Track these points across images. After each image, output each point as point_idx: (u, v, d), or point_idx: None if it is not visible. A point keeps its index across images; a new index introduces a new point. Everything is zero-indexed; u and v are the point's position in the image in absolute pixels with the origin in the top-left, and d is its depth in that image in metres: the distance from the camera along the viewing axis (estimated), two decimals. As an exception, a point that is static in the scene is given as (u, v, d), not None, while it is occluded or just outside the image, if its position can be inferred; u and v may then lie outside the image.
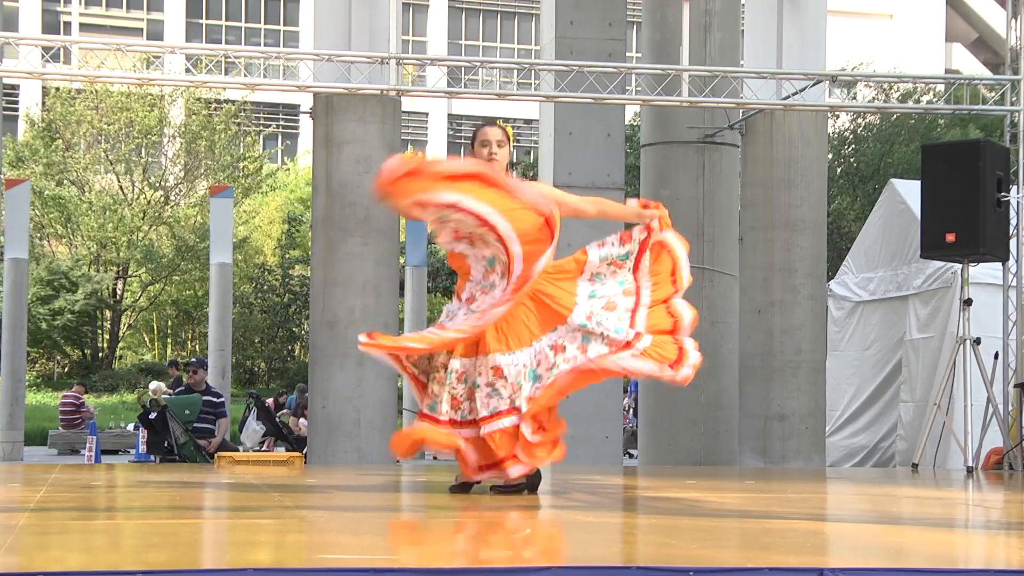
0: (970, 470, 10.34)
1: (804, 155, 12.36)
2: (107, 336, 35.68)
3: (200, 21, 44.69)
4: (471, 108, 43.80)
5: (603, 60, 12.36)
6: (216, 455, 9.62)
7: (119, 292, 35.27)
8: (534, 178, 14.50)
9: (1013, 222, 11.24)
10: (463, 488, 6.31)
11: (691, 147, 13.93)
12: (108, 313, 35.30)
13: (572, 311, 6.18)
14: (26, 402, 19.30)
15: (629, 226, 6.62)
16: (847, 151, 31.25)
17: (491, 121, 6.58)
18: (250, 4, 45.24)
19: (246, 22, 45.14)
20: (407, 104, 13.94)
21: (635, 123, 25.11)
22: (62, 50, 12.22)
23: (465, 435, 6.09)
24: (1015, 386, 11.20)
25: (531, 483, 6.36)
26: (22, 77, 13.30)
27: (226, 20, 44.95)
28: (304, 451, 12.23)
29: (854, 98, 15.39)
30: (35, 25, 41.21)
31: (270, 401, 20.21)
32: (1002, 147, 11.27)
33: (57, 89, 34.52)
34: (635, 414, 19.57)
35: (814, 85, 12.33)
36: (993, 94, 12.27)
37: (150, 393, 13.14)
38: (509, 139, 6.50)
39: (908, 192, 13.46)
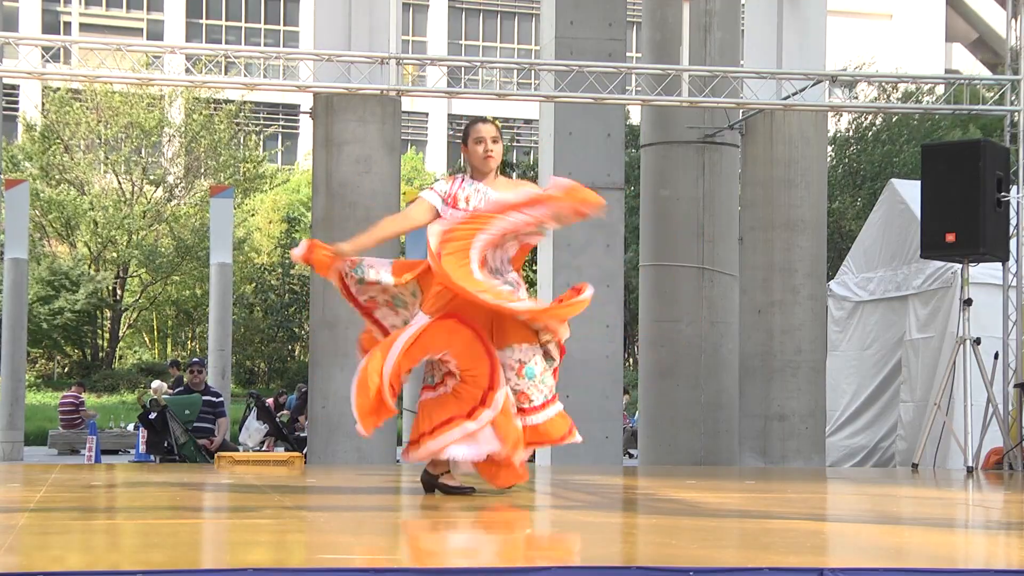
0: (970, 470, 10.34)
1: (804, 155, 12.35)
2: (107, 336, 35.69)
3: (200, 21, 44.70)
4: (471, 108, 43.78)
5: (603, 60, 12.35)
6: (216, 455, 9.62)
7: (119, 292, 35.29)
8: (534, 178, 14.50)
9: (1013, 222, 11.23)
10: (429, 488, 6.31)
11: (691, 147, 13.92)
12: (108, 313, 35.31)
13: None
14: (26, 402, 19.30)
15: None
16: (850, 152, 31.24)
17: (482, 118, 6.42)
18: (250, 4, 45.24)
19: (246, 22, 45.15)
20: (407, 104, 13.94)
21: (631, 122, 25.10)
22: (62, 50, 12.21)
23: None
24: (1015, 386, 11.20)
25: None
26: (22, 77, 13.31)
27: (226, 20, 44.96)
28: (304, 451, 12.23)
29: (855, 98, 15.38)
30: (35, 25, 41.23)
31: (270, 401, 20.21)
32: (1002, 147, 11.26)
33: (56, 90, 34.54)
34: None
35: (814, 85, 12.32)
36: (993, 94, 12.27)
37: (151, 392, 13.14)
38: (500, 135, 6.44)
39: (908, 192, 13.46)
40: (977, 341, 10.69)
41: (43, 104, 36.11)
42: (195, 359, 15.18)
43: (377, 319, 6.38)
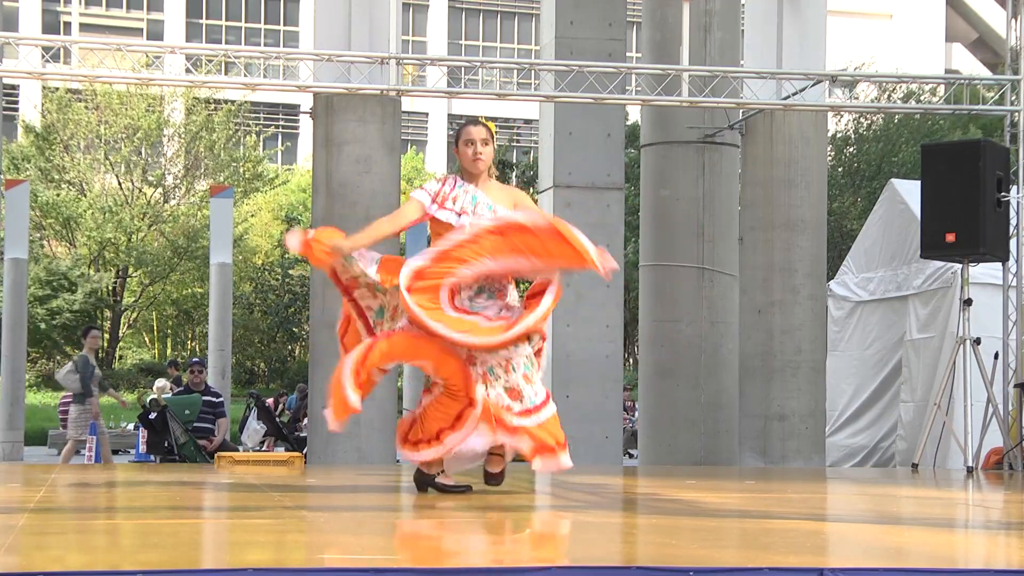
0: (970, 470, 10.34)
1: (804, 155, 12.35)
2: (107, 336, 35.67)
3: (200, 21, 44.69)
4: (471, 108, 43.78)
5: (603, 60, 12.35)
6: (216, 455, 9.62)
7: (119, 292, 35.28)
8: (534, 177, 14.50)
9: (1013, 222, 11.23)
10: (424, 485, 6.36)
11: (691, 147, 13.92)
12: (108, 313, 35.30)
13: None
14: (26, 402, 19.28)
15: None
16: (849, 151, 31.25)
17: (474, 120, 6.52)
18: (250, 4, 45.24)
19: (246, 22, 45.14)
20: (407, 104, 13.93)
21: (630, 121, 25.09)
22: (62, 50, 12.21)
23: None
24: (1015, 386, 11.20)
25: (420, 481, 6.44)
26: (22, 77, 13.30)
27: (226, 20, 44.95)
28: (304, 451, 12.23)
29: (855, 98, 15.39)
30: (35, 25, 41.21)
31: (270, 401, 20.20)
32: (1002, 147, 11.27)
33: (56, 90, 34.53)
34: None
35: (814, 85, 12.32)
36: (993, 94, 12.27)
37: (152, 392, 13.15)
38: (493, 137, 6.47)
39: (908, 192, 13.46)
40: (977, 341, 10.69)
41: (43, 104, 36.10)
42: (195, 359, 15.18)
43: (355, 298, 6.51)
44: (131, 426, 19.95)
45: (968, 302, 10.75)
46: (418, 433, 6.26)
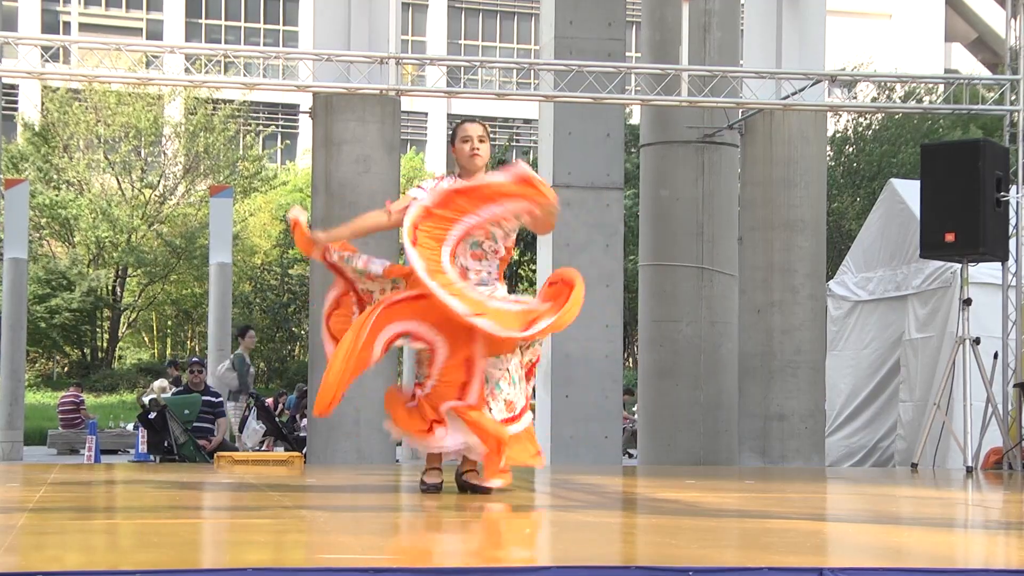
0: (970, 470, 10.34)
1: (804, 155, 12.35)
2: (106, 336, 35.67)
3: (200, 21, 44.69)
4: (471, 108, 43.78)
5: (603, 60, 12.35)
6: (216, 455, 9.62)
7: (119, 292, 35.27)
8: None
9: (1013, 222, 11.23)
10: (435, 489, 6.33)
11: (690, 147, 13.92)
12: (107, 313, 35.29)
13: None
14: (26, 402, 19.29)
15: None
16: (849, 151, 31.25)
17: (470, 118, 6.58)
18: (250, 4, 45.24)
19: (246, 22, 45.14)
20: (407, 104, 13.94)
21: (630, 121, 25.08)
22: (61, 50, 12.20)
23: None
24: (1015, 386, 11.20)
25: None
26: (22, 77, 13.30)
27: (226, 20, 44.95)
28: (304, 451, 12.23)
29: (855, 98, 15.39)
30: (35, 25, 41.21)
31: (270, 401, 20.18)
32: (1002, 147, 11.26)
33: (55, 90, 34.52)
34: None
35: (814, 85, 12.32)
36: (993, 94, 12.27)
37: (152, 391, 13.17)
38: (488, 135, 6.49)
39: (908, 192, 13.46)
40: (977, 341, 10.69)
41: (42, 104, 36.08)
42: (195, 359, 15.18)
43: (350, 279, 6.42)
44: (131, 426, 19.95)
45: (967, 302, 10.74)
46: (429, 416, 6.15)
